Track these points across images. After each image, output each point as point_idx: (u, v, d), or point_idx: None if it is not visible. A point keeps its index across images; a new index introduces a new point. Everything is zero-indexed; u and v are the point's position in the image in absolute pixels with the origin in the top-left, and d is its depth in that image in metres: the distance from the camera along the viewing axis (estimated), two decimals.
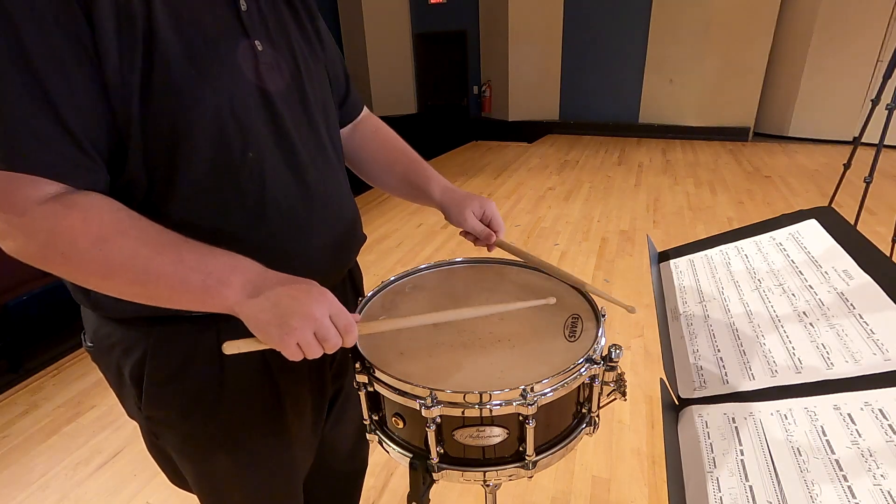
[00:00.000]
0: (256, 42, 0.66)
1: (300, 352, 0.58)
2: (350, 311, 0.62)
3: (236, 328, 0.69)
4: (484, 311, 0.76)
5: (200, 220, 0.63)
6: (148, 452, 0.82)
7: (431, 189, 0.90)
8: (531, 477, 0.68)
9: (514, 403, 0.62)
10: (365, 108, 0.99)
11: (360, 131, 0.96)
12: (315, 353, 0.59)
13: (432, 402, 0.61)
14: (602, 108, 7.85)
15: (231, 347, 0.59)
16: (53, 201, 0.54)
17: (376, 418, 0.74)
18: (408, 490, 0.69)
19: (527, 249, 0.92)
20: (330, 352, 0.60)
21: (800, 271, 0.74)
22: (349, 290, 0.90)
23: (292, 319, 0.56)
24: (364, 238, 0.89)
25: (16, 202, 0.53)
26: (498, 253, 0.94)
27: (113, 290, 0.58)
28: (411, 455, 0.68)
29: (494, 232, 0.87)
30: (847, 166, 2.92)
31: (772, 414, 0.55)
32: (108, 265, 0.55)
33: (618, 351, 0.69)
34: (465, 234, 0.90)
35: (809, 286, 0.70)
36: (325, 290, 0.60)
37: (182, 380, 0.69)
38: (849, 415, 0.50)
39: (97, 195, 0.57)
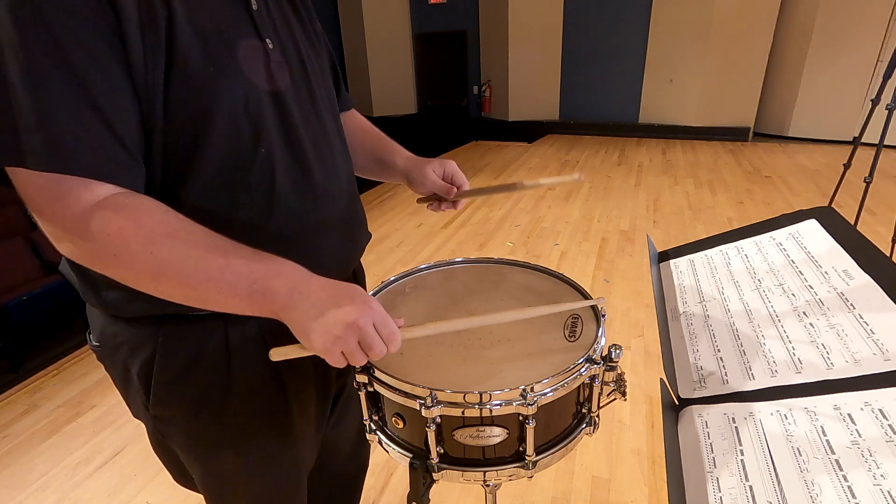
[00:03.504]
0: (267, 41, 0.67)
1: (344, 359, 0.58)
2: None
3: (245, 326, 0.69)
4: (528, 314, 0.74)
5: (210, 216, 0.63)
6: (150, 451, 0.82)
7: (395, 160, 0.94)
8: (531, 477, 0.68)
9: (514, 403, 0.62)
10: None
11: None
12: (360, 361, 0.59)
13: (432, 402, 0.61)
14: (602, 108, 7.86)
15: (277, 354, 0.60)
16: (105, 203, 0.54)
17: (376, 418, 0.74)
18: (408, 490, 0.70)
19: (526, 249, 0.92)
20: (374, 359, 0.60)
21: (800, 271, 0.74)
22: None
23: (337, 328, 0.56)
24: (369, 236, 0.89)
25: (69, 205, 0.53)
26: (497, 253, 0.94)
27: (164, 292, 0.58)
28: (411, 455, 0.68)
29: (457, 186, 0.90)
30: (847, 166, 2.92)
31: (772, 414, 0.55)
32: (159, 267, 0.55)
33: (618, 351, 0.69)
34: (430, 204, 0.94)
35: (809, 286, 0.70)
36: (370, 298, 0.60)
37: (190, 379, 0.70)
38: (849, 415, 0.50)
39: (144, 196, 0.57)
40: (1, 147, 0.51)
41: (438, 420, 0.63)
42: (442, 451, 0.66)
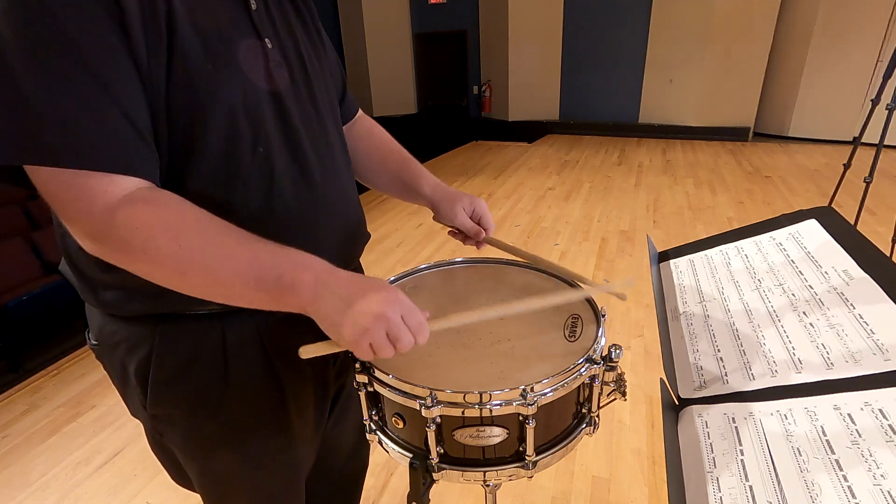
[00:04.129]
0: (266, 41, 0.66)
1: (372, 352, 0.58)
2: None
3: (241, 326, 0.69)
4: (552, 301, 0.74)
5: None
6: (150, 451, 0.82)
7: (422, 186, 0.91)
8: (531, 477, 0.68)
9: (514, 403, 0.62)
10: (360, 109, 0.99)
11: (355, 132, 0.96)
12: (387, 353, 0.58)
13: (432, 401, 0.61)
14: (602, 108, 7.86)
15: (307, 352, 0.59)
16: (131, 197, 0.54)
17: (376, 418, 0.74)
18: (408, 490, 0.70)
19: (527, 249, 0.92)
20: (402, 351, 0.59)
21: (799, 271, 0.74)
22: None
23: (365, 320, 0.55)
24: (368, 236, 0.89)
25: (94, 200, 0.53)
26: (499, 253, 0.94)
27: (189, 288, 0.57)
28: (411, 455, 0.68)
29: (484, 230, 0.89)
30: (847, 166, 2.92)
31: (772, 414, 0.55)
32: (186, 261, 0.54)
33: (618, 351, 0.69)
34: (454, 233, 0.91)
35: (809, 286, 0.70)
36: (396, 290, 0.59)
37: (187, 378, 0.70)
38: (849, 415, 0.50)
39: (166, 191, 0.57)
40: (22, 146, 0.51)
41: (438, 420, 0.63)
42: (442, 451, 0.66)
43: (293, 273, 0.56)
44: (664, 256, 0.96)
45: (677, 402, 0.65)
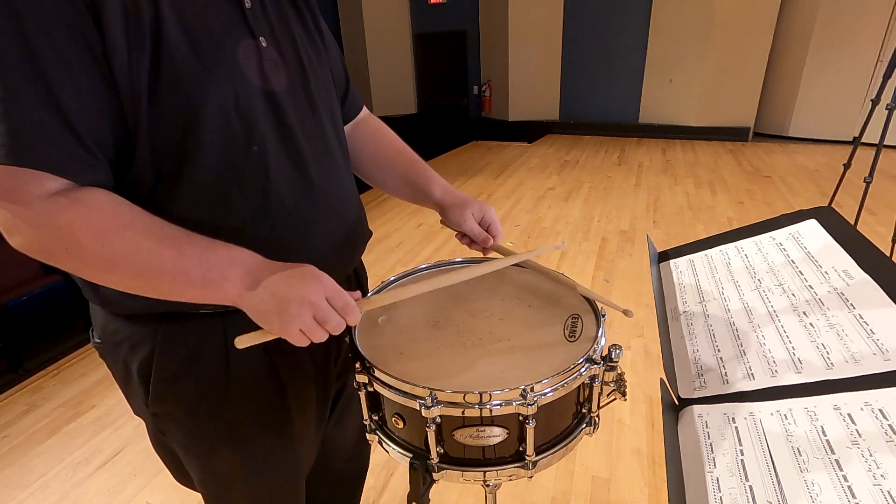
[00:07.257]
0: (261, 39, 0.66)
1: (304, 337, 0.59)
2: None
3: (243, 325, 0.69)
4: (480, 272, 0.76)
5: (204, 216, 0.64)
6: (150, 451, 0.82)
7: (432, 189, 0.90)
8: (531, 477, 0.68)
9: (514, 403, 0.62)
10: (365, 108, 0.99)
11: (361, 131, 0.96)
12: (320, 336, 0.59)
13: (432, 402, 0.61)
14: (602, 108, 7.85)
15: (242, 342, 0.60)
16: (56, 196, 0.54)
17: (376, 418, 0.74)
18: (408, 490, 0.70)
19: (526, 249, 0.92)
20: (335, 332, 0.60)
21: (800, 271, 0.74)
22: (355, 290, 0.90)
23: (290, 306, 0.57)
24: (369, 234, 0.88)
25: (20, 197, 0.53)
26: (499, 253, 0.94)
27: (116, 284, 0.59)
28: (411, 455, 0.68)
29: (492, 237, 0.88)
30: (847, 166, 2.92)
31: (772, 414, 0.55)
32: (110, 259, 0.56)
33: (618, 351, 0.69)
34: (462, 236, 0.91)
35: (809, 286, 0.70)
36: (320, 273, 0.61)
37: (188, 376, 0.70)
38: (849, 415, 0.50)
39: (100, 190, 0.57)
40: None
41: (438, 420, 0.63)
42: (442, 451, 0.66)
43: (219, 268, 0.57)
44: (664, 256, 0.96)
45: (677, 402, 0.65)
